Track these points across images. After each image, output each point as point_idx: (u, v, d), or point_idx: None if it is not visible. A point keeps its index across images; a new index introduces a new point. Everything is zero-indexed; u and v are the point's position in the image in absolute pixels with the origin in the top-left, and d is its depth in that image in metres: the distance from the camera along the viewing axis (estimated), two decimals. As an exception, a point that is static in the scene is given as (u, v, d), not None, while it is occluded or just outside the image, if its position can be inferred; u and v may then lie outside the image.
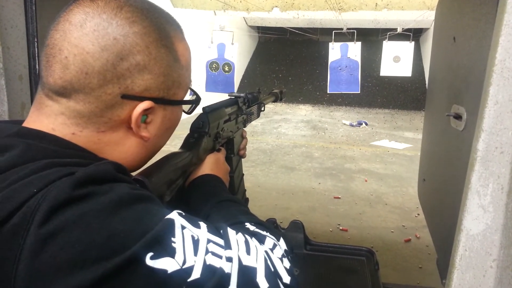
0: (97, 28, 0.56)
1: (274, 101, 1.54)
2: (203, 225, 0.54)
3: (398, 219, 3.58)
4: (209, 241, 0.52)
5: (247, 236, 0.59)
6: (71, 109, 0.58)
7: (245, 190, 1.23)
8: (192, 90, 0.74)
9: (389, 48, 5.60)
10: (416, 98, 11.15)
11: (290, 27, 10.66)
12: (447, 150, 1.22)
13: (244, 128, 1.18)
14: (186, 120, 0.83)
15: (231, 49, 5.28)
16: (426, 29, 10.54)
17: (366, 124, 8.83)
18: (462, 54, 1.12)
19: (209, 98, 1.16)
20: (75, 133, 0.59)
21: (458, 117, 1.07)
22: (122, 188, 0.50)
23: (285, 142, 6.85)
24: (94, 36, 0.55)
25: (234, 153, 1.09)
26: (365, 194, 4.24)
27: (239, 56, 5.69)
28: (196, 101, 0.76)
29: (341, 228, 3.35)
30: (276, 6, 6.11)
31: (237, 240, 0.56)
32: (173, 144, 1.08)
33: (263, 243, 0.61)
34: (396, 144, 6.90)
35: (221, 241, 0.54)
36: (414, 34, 6.28)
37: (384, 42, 5.60)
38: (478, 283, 0.79)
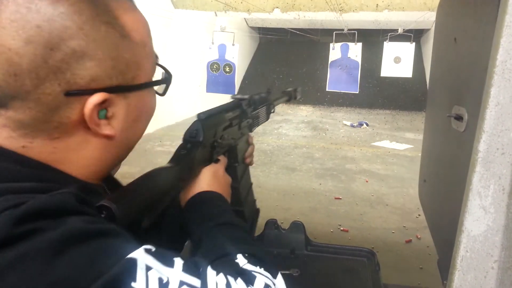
0: (14, 17, 0.46)
1: (288, 101, 1.41)
2: (178, 262, 0.46)
3: (399, 220, 3.58)
4: (182, 283, 0.44)
5: (230, 277, 0.49)
6: (12, 119, 0.49)
7: (255, 200, 1.11)
8: (161, 66, 0.64)
9: (390, 49, 5.61)
10: (416, 99, 11.14)
11: (291, 28, 10.66)
12: (448, 151, 1.22)
13: (250, 134, 1.05)
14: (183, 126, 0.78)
15: (232, 50, 5.29)
16: (427, 30, 10.53)
17: (367, 124, 8.83)
18: (463, 55, 1.12)
19: (210, 99, 1.11)
20: (25, 145, 0.50)
21: (459, 118, 1.07)
22: (75, 222, 0.42)
23: (286, 143, 6.85)
24: (13, 28, 0.46)
25: (238, 161, 0.97)
26: (366, 195, 4.24)
27: (240, 57, 5.68)
28: (166, 79, 0.65)
29: (342, 228, 3.35)
30: (277, 7, 6.12)
31: (216, 283, 0.47)
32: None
33: (252, 285, 0.51)
34: (397, 145, 6.90)
35: (197, 283, 0.45)
36: (415, 35, 6.29)
37: (385, 43, 5.61)
38: (479, 284, 0.79)
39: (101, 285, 0.39)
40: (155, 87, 0.64)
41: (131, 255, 0.42)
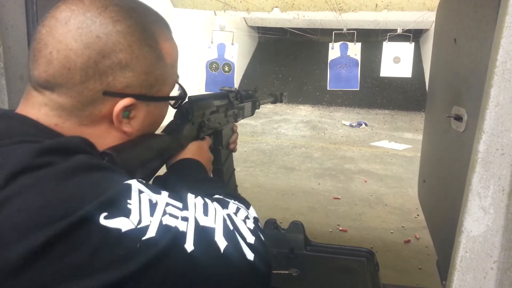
0: (81, 25, 0.57)
1: (273, 102, 1.54)
2: (164, 192, 0.56)
3: (397, 220, 3.58)
4: (167, 204, 0.54)
5: (207, 199, 0.61)
6: (54, 101, 0.60)
7: (237, 186, 1.22)
8: (179, 85, 0.77)
9: (389, 49, 5.60)
10: (416, 99, 11.15)
11: (290, 28, 10.66)
12: (447, 152, 1.22)
13: (235, 123, 1.17)
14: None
15: (231, 49, 5.28)
16: (426, 30, 10.54)
17: (366, 124, 8.84)
18: (463, 55, 1.12)
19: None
20: (58, 124, 0.60)
21: (458, 118, 1.07)
22: (81, 157, 0.52)
23: (285, 143, 6.85)
24: (78, 34, 0.57)
25: (222, 145, 1.08)
26: (364, 195, 4.24)
27: (239, 56, 5.68)
28: (182, 96, 0.78)
29: (340, 228, 3.35)
30: (276, 7, 6.11)
31: (195, 203, 0.58)
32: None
33: (226, 208, 0.63)
34: (396, 145, 6.90)
35: (179, 204, 0.56)
36: (414, 35, 6.28)
37: (384, 43, 5.60)
38: (478, 285, 0.79)
39: (103, 200, 0.48)
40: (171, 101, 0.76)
41: (127, 181, 0.53)
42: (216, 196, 0.68)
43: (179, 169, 0.81)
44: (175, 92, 0.76)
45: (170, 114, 0.85)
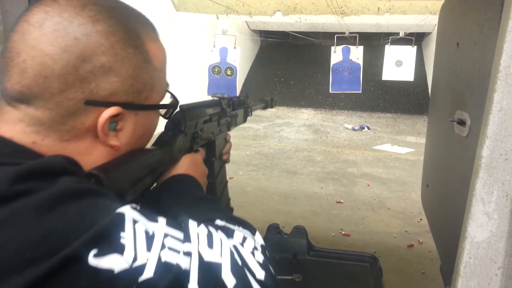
0: (57, 27, 0.52)
1: (264, 108, 1.50)
2: (161, 219, 0.50)
3: (400, 224, 3.57)
4: (166, 235, 0.47)
5: (211, 228, 0.54)
6: (30, 116, 0.53)
7: (229, 199, 1.16)
8: (170, 93, 0.70)
9: (391, 52, 5.61)
10: (418, 102, 11.13)
11: (292, 31, 10.68)
12: (450, 156, 1.21)
13: (228, 132, 1.11)
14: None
15: (234, 53, 5.30)
16: (429, 33, 10.54)
17: (368, 128, 8.83)
18: (465, 59, 1.12)
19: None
20: (36, 141, 0.54)
21: (461, 123, 1.07)
22: (66, 181, 0.45)
23: (287, 146, 6.85)
24: (54, 37, 0.51)
25: (215, 156, 1.02)
26: (367, 199, 4.23)
27: (241, 60, 5.69)
28: (174, 105, 0.72)
29: (343, 233, 3.34)
30: (279, 10, 6.13)
31: (198, 233, 0.51)
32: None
33: (232, 237, 0.56)
34: (399, 149, 6.88)
35: (180, 235, 0.49)
36: (416, 38, 6.29)
37: (386, 46, 5.61)
38: (483, 291, 0.78)
39: (92, 235, 0.42)
40: (161, 110, 0.69)
41: (119, 210, 0.46)
42: (218, 221, 0.60)
43: (173, 187, 0.74)
44: (166, 101, 0.70)
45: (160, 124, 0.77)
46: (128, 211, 0.46)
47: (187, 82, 7.91)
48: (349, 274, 1.30)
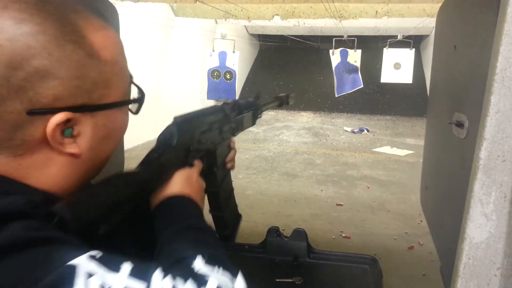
0: None
1: (279, 106, 1.41)
2: (125, 267, 0.44)
3: (401, 226, 3.57)
4: None
5: (178, 280, 0.47)
6: None
7: (236, 206, 1.09)
8: (135, 85, 0.64)
9: (390, 55, 5.62)
10: (417, 104, 11.15)
11: (290, 35, 10.71)
12: (449, 158, 1.22)
13: (233, 138, 1.04)
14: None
15: (233, 57, 5.31)
16: (427, 36, 10.57)
17: (368, 130, 8.84)
18: (463, 62, 1.13)
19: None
20: None
21: (459, 125, 1.07)
22: (16, 229, 0.41)
23: (287, 149, 6.85)
24: None
25: (217, 166, 0.94)
26: (367, 201, 4.23)
27: (240, 64, 5.70)
28: (139, 99, 0.64)
29: (343, 235, 3.34)
30: (277, 14, 6.15)
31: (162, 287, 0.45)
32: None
33: (204, 286, 0.48)
34: (398, 151, 6.89)
35: (142, 287, 0.44)
36: (414, 41, 6.31)
37: (384, 49, 5.63)
38: (482, 291, 0.79)
39: None
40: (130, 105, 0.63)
41: (72, 262, 0.41)
42: (198, 261, 0.52)
43: (163, 213, 0.68)
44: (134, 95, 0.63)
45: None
46: (83, 263, 0.41)
47: (186, 87, 7.92)
48: (349, 277, 1.31)
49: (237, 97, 5.99)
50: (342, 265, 1.36)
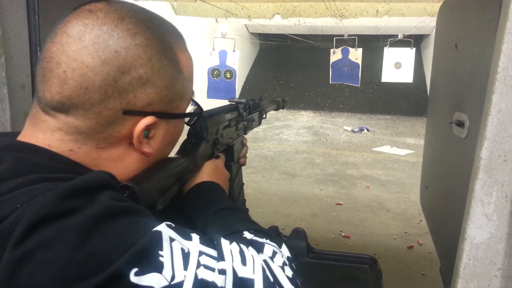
0: (97, 40, 0.53)
1: (276, 109, 1.51)
2: (195, 236, 0.51)
3: (400, 226, 3.57)
4: (201, 253, 0.49)
5: (242, 245, 0.55)
6: (69, 125, 0.55)
7: (245, 200, 1.18)
8: (193, 101, 0.72)
9: (390, 54, 5.62)
10: (417, 104, 11.15)
11: (291, 34, 10.70)
12: (449, 157, 1.21)
13: (245, 136, 1.13)
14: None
15: (233, 56, 5.30)
16: (427, 35, 10.57)
17: (368, 130, 8.83)
18: (464, 61, 1.12)
19: (211, 105, 1.12)
20: (73, 149, 0.56)
21: (460, 124, 1.07)
22: (105, 200, 0.47)
23: (286, 149, 6.85)
24: (94, 49, 0.53)
25: (234, 160, 1.04)
26: (367, 201, 4.23)
27: (240, 63, 5.69)
28: (198, 113, 0.75)
29: (343, 234, 3.34)
30: (278, 13, 6.14)
31: (231, 251, 0.53)
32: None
33: (262, 252, 0.57)
34: (398, 150, 6.89)
35: (214, 253, 0.51)
36: (415, 40, 6.30)
37: (385, 48, 5.62)
38: (482, 292, 0.78)
39: (133, 254, 0.43)
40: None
41: (156, 228, 0.47)
42: (247, 234, 0.62)
43: (199, 196, 0.77)
44: (189, 109, 0.72)
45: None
46: (165, 230, 0.48)
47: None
48: (348, 276, 1.30)
49: (237, 96, 5.99)
50: (342, 265, 1.35)
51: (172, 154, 0.78)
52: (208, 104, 1.43)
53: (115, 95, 0.55)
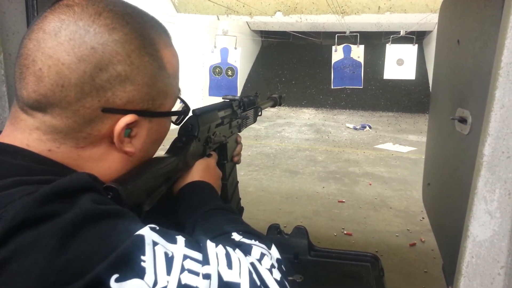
0: (73, 36, 0.51)
1: (273, 106, 1.49)
2: (180, 239, 0.50)
3: (403, 223, 3.56)
4: (185, 257, 0.48)
5: (229, 248, 0.54)
6: (47, 124, 0.53)
7: (240, 199, 1.16)
8: (181, 99, 0.70)
9: (392, 51, 5.60)
10: (420, 101, 11.12)
11: (293, 31, 10.68)
12: (452, 154, 1.20)
13: (239, 133, 1.11)
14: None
15: (234, 53, 5.30)
16: (429, 31, 10.52)
17: (370, 127, 8.81)
18: (466, 56, 1.11)
19: (213, 103, 1.10)
20: (52, 149, 0.54)
21: (463, 120, 1.06)
22: (86, 203, 0.45)
23: (288, 146, 6.84)
24: (70, 46, 0.51)
25: (227, 159, 1.02)
26: (369, 198, 4.22)
27: (242, 60, 5.68)
28: (185, 111, 0.72)
29: (345, 232, 3.33)
30: (279, 10, 6.12)
31: (216, 254, 0.51)
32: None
33: (250, 254, 0.56)
34: (400, 147, 6.87)
35: (199, 256, 0.49)
36: (417, 37, 6.27)
37: (387, 45, 5.60)
38: (485, 290, 0.77)
39: (114, 259, 0.42)
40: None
41: (139, 232, 0.46)
42: (235, 235, 0.61)
43: (188, 196, 0.75)
44: (176, 107, 0.70)
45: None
46: (148, 233, 0.46)
47: (188, 83, 7.91)
48: (350, 274, 1.29)
49: (238, 94, 5.98)
50: (343, 263, 1.35)
51: (162, 152, 0.76)
52: (210, 101, 1.41)
53: (93, 93, 0.53)
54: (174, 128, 0.78)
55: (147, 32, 0.58)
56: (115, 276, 0.41)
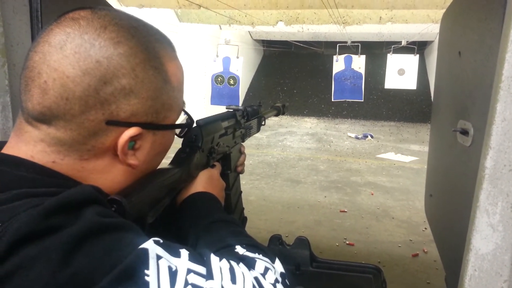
0: (78, 50, 0.52)
1: (276, 115, 1.48)
2: (184, 252, 0.50)
3: (405, 233, 3.54)
4: (189, 271, 0.48)
5: (232, 262, 0.54)
6: (51, 136, 0.54)
7: (243, 209, 1.15)
8: (185, 112, 0.71)
9: (394, 61, 5.61)
10: (421, 110, 11.12)
11: (294, 41, 10.73)
12: (454, 166, 1.20)
13: (242, 143, 1.11)
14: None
15: (236, 62, 5.32)
16: (431, 42, 10.56)
17: (372, 136, 8.81)
18: (467, 69, 1.11)
19: (215, 112, 1.10)
20: (56, 161, 0.54)
21: (464, 132, 1.06)
22: (91, 216, 0.46)
23: (290, 155, 6.83)
24: (75, 59, 0.51)
25: (230, 169, 1.02)
26: (371, 208, 4.20)
27: (244, 69, 5.71)
28: (189, 124, 0.73)
29: (347, 242, 3.31)
30: (281, 20, 6.16)
31: (220, 268, 0.51)
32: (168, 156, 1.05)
33: (253, 268, 0.56)
34: (402, 157, 6.86)
35: (203, 270, 0.49)
36: (418, 47, 6.29)
37: (388, 55, 5.62)
38: (488, 304, 0.77)
39: (117, 273, 0.42)
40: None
41: (143, 245, 0.46)
42: (239, 248, 0.61)
43: (192, 208, 0.75)
44: (180, 119, 0.70)
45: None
46: (152, 247, 0.46)
47: (190, 92, 7.93)
48: (352, 286, 1.28)
49: (240, 103, 5.99)
50: (345, 275, 1.34)
51: (167, 162, 0.77)
52: (212, 110, 1.41)
53: (97, 106, 0.53)
54: (178, 139, 0.79)
55: (152, 45, 0.58)
56: None
